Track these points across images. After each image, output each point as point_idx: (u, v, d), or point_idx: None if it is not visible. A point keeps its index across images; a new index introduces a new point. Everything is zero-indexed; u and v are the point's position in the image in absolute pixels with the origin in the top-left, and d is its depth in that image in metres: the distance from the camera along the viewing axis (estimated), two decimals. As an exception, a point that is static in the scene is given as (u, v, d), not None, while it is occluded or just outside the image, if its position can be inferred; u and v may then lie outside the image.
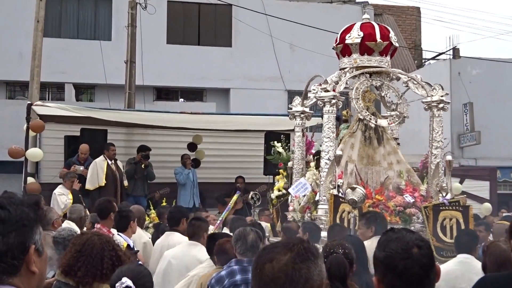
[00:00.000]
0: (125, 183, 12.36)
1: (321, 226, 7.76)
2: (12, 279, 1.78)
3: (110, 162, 12.09)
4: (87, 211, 8.47)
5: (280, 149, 10.67)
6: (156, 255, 7.15)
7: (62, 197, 10.88)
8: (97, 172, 11.92)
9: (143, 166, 12.65)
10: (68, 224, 7.21)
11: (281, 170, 10.33)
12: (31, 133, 11.86)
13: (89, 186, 11.89)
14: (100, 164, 12.00)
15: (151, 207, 10.74)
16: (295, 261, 2.15)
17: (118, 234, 6.36)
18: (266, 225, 9.94)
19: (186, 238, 6.80)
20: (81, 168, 11.83)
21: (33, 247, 1.83)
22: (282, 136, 11.44)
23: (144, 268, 3.38)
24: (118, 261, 3.21)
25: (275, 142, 10.89)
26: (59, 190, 11.00)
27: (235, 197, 10.33)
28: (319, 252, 2.25)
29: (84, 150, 12.16)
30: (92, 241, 3.26)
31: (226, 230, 9.01)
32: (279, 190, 10.00)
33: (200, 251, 6.15)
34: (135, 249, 6.37)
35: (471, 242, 6.25)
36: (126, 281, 2.93)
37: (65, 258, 3.29)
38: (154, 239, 7.98)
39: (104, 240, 3.30)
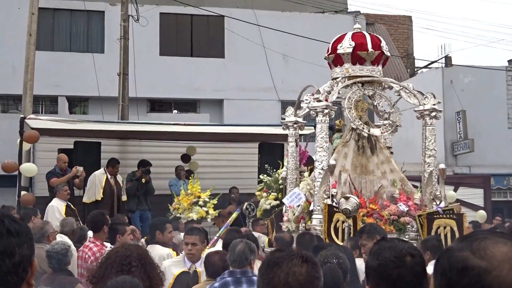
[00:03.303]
0: (123, 197, 12.25)
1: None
2: None
3: (109, 176, 12.02)
4: (80, 223, 8.42)
5: (266, 179, 10.70)
6: None
7: (57, 210, 10.77)
8: (95, 186, 11.85)
9: (143, 181, 12.64)
10: (61, 238, 7.16)
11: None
12: (25, 147, 11.79)
13: (85, 199, 11.81)
14: (99, 178, 11.90)
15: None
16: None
17: (111, 247, 6.34)
18: (264, 237, 9.83)
19: (168, 250, 6.85)
20: (81, 168, 11.54)
21: (36, 260, 1.83)
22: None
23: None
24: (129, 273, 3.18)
25: (260, 175, 10.89)
26: (54, 202, 10.90)
27: (235, 215, 10.25)
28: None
29: (64, 158, 11.89)
30: (115, 251, 3.25)
31: (220, 243, 8.98)
32: (275, 199, 9.99)
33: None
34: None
35: None
36: None
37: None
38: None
39: (131, 251, 3.25)
